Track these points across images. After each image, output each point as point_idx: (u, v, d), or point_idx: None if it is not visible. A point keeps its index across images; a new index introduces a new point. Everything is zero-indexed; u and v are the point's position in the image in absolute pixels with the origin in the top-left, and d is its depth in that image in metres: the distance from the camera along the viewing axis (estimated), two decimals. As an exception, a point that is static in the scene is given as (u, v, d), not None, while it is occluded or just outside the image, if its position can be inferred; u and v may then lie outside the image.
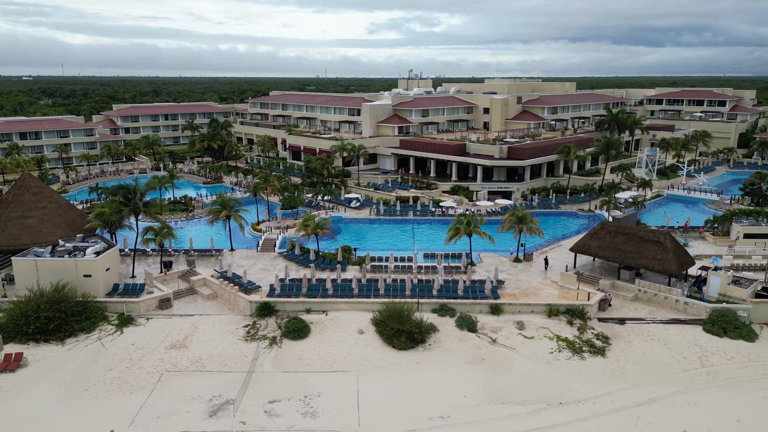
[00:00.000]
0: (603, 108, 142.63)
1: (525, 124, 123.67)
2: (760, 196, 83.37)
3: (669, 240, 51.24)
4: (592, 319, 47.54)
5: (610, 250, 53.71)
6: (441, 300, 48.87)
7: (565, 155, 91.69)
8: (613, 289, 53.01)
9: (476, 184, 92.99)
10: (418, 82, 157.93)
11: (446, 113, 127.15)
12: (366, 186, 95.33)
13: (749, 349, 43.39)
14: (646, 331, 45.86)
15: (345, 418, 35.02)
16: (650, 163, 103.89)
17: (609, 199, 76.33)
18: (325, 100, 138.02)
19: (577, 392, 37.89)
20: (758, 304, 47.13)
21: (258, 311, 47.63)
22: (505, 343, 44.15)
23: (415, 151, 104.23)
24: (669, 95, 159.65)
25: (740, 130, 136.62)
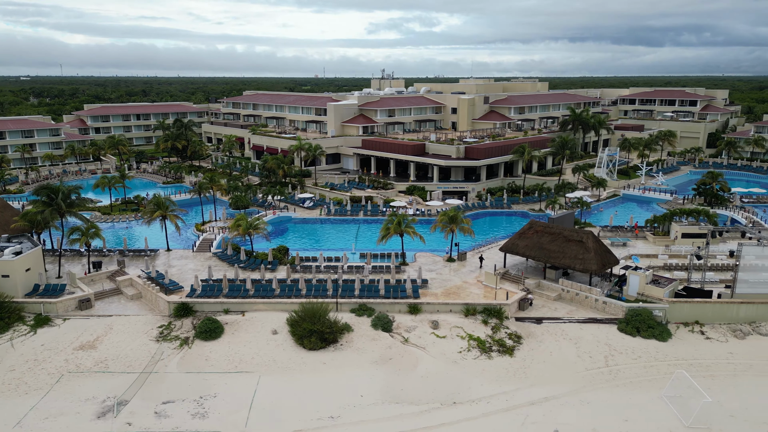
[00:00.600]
0: (580, 107, 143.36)
1: (491, 124, 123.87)
2: (711, 195, 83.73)
3: (591, 240, 51.33)
4: (509, 318, 47.61)
5: (536, 250, 53.79)
6: (361, 300, 48.84)
7: (519, 155, 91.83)
8: (538, 288, 53.09)
9: (432, 184, 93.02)
10: (390, 82, 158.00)
11: (413, 113, 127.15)
12: (323, 186, 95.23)
13: (658, 348, 43.48)
14: (560, 331, 45.93)
15: (234, 418, 34.95)
16: (611, 163, 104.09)
17: (555, 199, 76.48)
18: (294, 100, 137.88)
19: (474, 392, 37.89)
20: (674, 303, 47.25)
21: (176, 312, 47.52)
22: (416, 342, 44.14)
23: (376, 151, 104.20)
24: (642, 95, 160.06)
25: (709, 130, 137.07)
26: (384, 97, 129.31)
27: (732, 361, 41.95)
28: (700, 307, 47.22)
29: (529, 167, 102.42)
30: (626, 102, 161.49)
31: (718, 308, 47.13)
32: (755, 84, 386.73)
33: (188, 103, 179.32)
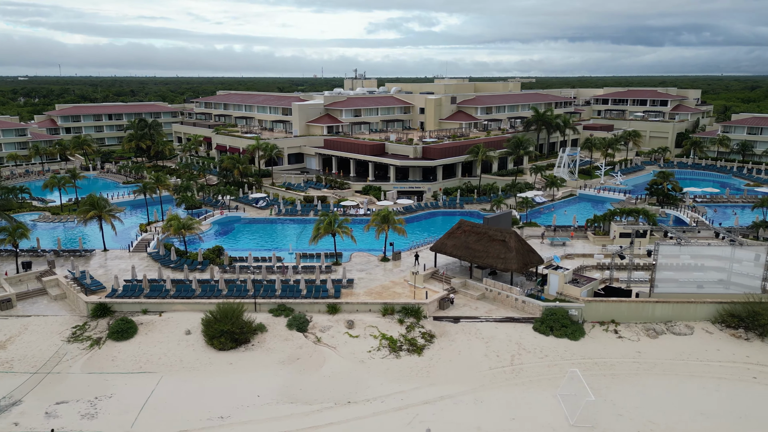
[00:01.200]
0: (544, 107, 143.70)
1: (458, 123, 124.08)
2: (663, 195, 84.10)
3: (514, 239, 51.46)
4: (428, 317, 47.71)
5: (463, 249, 53.90)
6: (281, 300, 48.88)
7: (474, 155, 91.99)
8: (464, 287, 53.22)
9: (389, 184, 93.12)
10: (362, 82, 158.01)
11: (380, 113, 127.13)
12: (280, 186, 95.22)
13: (568, 347, 43.64)
14: (475, 330, 46.03)
15: (122, 419, 34.94)
16: (571, 163, 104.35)
17: (500, 199, 76.74)
18: (262, 99, 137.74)
19: (372, 391, 37.96)
20: (590, 303, 47.44)
21: (93, 312, 47.47)
22: (328, 342, 44.20)
23: (336, 151, 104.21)
24: (615, 95, 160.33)
25: (678, 130, 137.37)
26: (351, 97, 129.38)
27: (638, 360, 42.14)
28: (616, 306, 47.41)
29: (489, 167, 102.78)
30: (599, 102, 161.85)
31: (634, 307, 47.32)
32: (754, 84, 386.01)
33: (163, 103, 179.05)
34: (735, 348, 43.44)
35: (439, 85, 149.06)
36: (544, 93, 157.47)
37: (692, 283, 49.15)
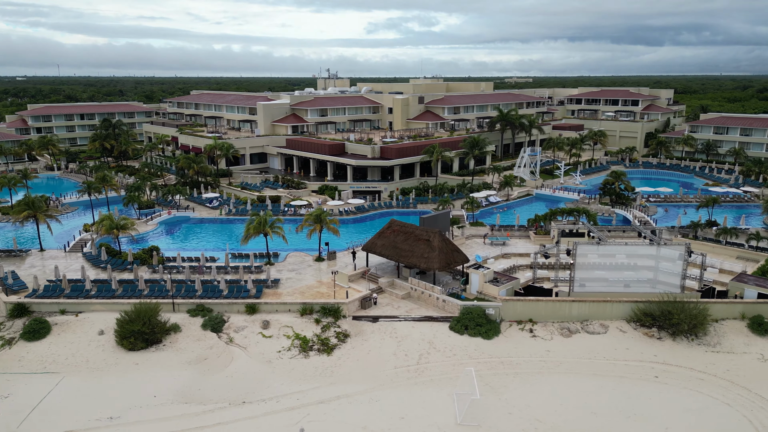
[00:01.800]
0: (513, 107, 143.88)
1: (424, 123, 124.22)
2: (615, 194, 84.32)
3: (437, 238, 51.51)
4: (347, 317, 47.69)
5: (390, 249, 53.92)
6: (200, 300, 48.82)
7: (429, 155, 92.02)
8: (391, 287, 53.23)
9: (345, 184, 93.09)
10: (335, 82, 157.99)
11: (348, 113, 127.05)
12: (236, 186, 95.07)
13: (479, 346, 43.67)
14: (391, 329, 46.02)
15: (11, 419, 34.83)
16: (532, 163, 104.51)
17: (446, 199, 76.85)
18: (231, 99, 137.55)
19: (271, 391, 37.92)
20: (507, 302, 47.50)
21: (11, 312, 47.28)
22: (240, 342, 44.14)
23: (297, 151, 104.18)
24: (589, 95, 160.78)
25: (647, 130, 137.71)
26: (318, 97, 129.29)
27: (545, 359, 42.21)
28: (533, 305, 47.50)
29: (450, 167, 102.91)
30: (573, 102, 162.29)
31: (551, 307, 47.41)
32: (748, 83, 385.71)
33: (137, 103, 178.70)
34: (645, 347, 43.55)
35: (408, 85, 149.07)
36: (516, 93, 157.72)
37: (611, 282, 49.27)
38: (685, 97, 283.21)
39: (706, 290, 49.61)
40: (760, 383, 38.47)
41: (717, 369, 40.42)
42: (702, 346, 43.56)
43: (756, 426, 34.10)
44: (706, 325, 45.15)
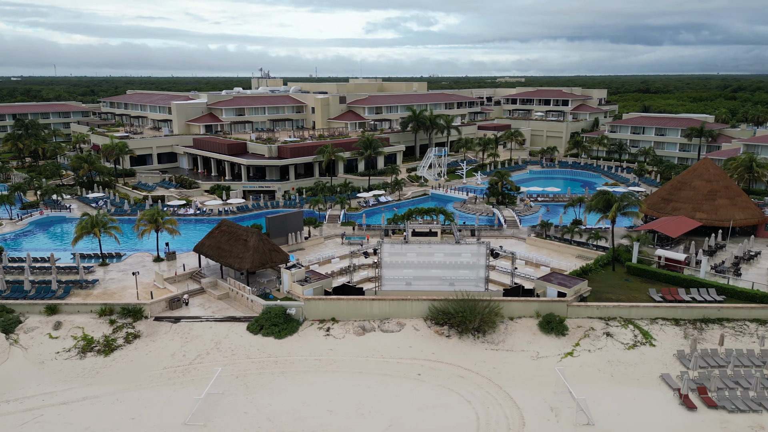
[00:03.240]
0: (445, 107, 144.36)
1: (344, 123, 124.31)
2: (499, 194, 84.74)
3: (254, 238, 51.45)
4: (149, 317, 47.45)
5: (215, 249, 53.77)
6: (3, 300, 48.39)
7: (323, 155, 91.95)
8: (213, 287, 53.03)
9: (238, 183, 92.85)
10: (267, 81, 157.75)
11: (267, 112, 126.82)
12: (132, 186, 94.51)
13: (264, 346, 43.54)
14: (187, 330, 45.83)
15: None
16: (438, 164, 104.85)
17: (317, 200, 76.93)
18: (156, 99, 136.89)
19: (23, 392, 37.60)
20: (309, 301, 47.49)
21: None
22: (24, 343, 43.77)
23: (201, 150, 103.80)
24: (524, 95, 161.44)
25: (572, 129, 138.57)
26: (238, 96, 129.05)
27: (323, 357, 42.22)
28: (335, 304, 47.54)
29: (356, 167, 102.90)
30: (510, 102, 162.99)
31: (352, 305, 47.47)
32: (737, 84, 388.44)
33: (75, 103, 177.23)
34: (429, 345, 43.70)
35: (331, 85, 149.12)
36: (450, 93, 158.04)
37: (419, 280, 49.41)
38: (654, 97, 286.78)
39: (514, 288, 49.83)
40: (516, 381, 38.73)
41: (484, 367, 40.63)
42: (485, 344, 43.78)
43: (480, 423, 34.30)
44: (496, 323, 45.43)
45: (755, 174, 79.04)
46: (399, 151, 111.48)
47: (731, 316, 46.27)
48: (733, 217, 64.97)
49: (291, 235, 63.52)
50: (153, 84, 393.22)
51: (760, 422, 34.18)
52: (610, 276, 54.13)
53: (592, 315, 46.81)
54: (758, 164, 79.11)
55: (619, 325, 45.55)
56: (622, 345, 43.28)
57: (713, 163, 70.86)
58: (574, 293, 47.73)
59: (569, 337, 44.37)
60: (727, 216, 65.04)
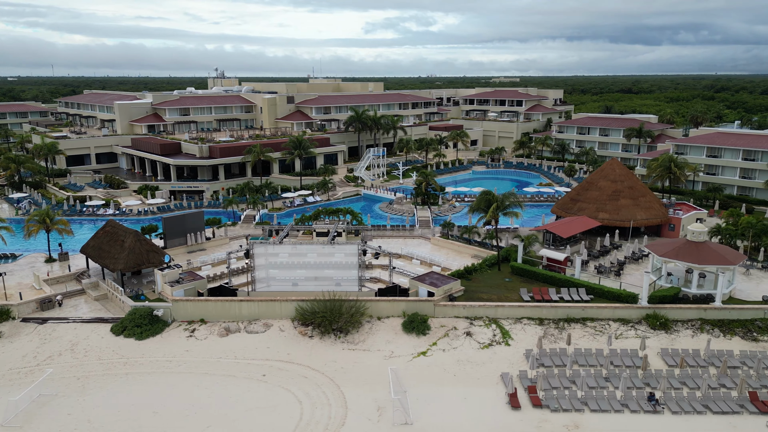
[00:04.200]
0: (399, 107, 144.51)
1: (290, 123, 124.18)
2: (423, 194, 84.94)
3: (131, 239, 51.31)
4: (16, 318, 47.21)
5: (97, 250, 53.54)
6: None
7: (252, 155, 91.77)
8: (94, 288, 52.81)
9: (167, 183, 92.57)
10: (222, 81, 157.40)
11: (214, 112, 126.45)
12: (61, 186, 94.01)
13: (123, 347, 43.38)
14: (50, 331, 45.55)
15: None
16: (378, 164, 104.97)
17: (231, 200, 76.84)
18: (106, 99, 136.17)
19: None
20: (177, 302, 47.37)
21: None
22: None
23: (137, 151, 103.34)
24: (481, 95, 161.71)
25: (523, 130, 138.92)
26: (184, 96, 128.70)
27: (174, 359, 42.09)
28: (203, 305, 47.46)
29: (292, 167, 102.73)
30: (467, 102, 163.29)
31: (221, 306, 47.42)
32: (720, 84, 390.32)
33: (34, 103, 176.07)
34: (288, 346, 43.65)
35: (280, 85, 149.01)
36: (406, 94, 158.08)
37: (296, 281, 49.41)
38: (633, 98, 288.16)
39: (390, 288, 49.88)
40: (358, 381, 38.75)
41: (332, 367, 40.66)
42: (345, 344, 43.82)
43: (301, 423, 34.33)
44: (362, 323, 45.53)
45: (674, 174, 79.47)
46: (340, 152, 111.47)
47: (595, 315, 46.57)
48: (635, 217, 65.39)
49: (190, 235, 63.32)
50: (145, 84, 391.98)
51: (577, 421, 34.38)
52: (494, 276, 54.34)
53: (459, 315, 47.00)
54: (676, 164, 79.54)
55: (482, 325, 45.74)
56: (477, 344, 43.44)
57: (620, 164, 71.29)
58: (443, 293, 47.86)
59: (429, 336, 44.49)
60: (629, 216, 65.45)
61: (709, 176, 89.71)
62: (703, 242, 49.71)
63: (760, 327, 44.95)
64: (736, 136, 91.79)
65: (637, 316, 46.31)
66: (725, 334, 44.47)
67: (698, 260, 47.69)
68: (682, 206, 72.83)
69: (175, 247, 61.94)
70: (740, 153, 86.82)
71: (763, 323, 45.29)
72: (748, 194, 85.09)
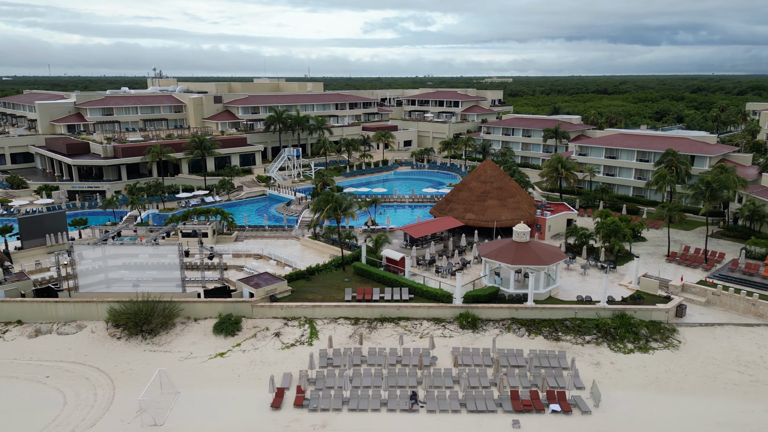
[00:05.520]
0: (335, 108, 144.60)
1: (215, 123, 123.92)
2: (317, 194, 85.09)
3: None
4: None
5: (-68, 250, 53.21)
6: None
7: (152, 156, 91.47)
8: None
9: (68, 183, 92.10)
10: (159, 81, 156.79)
11: (140, 112, 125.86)
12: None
13: None
14: None
15: None
16: (291, 164, 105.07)
17: (110, 199, 76.58)
18: (37, 98, 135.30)
19: None
20: None
21: None
22: None
23: (47, 151, 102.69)
24: (423, 96, 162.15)
25: (455, 131, 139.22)
26: (110, 96, 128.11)
27: (-31, 360, 41.96)
28: (19, 306, 47.24)
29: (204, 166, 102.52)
30: (409, 103, 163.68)
31: (37, 307, 47.22)
32: (697, 84, 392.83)
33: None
34: (90, 347, 43.52)
35: (210, 85, 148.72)
36: (346, 94, 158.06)
37: (121, 282, 49.34)
38: (603, 98, 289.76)
39: (219, 289, 49.90)
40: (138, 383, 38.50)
41: (122, 368, 40.61)
42: (150, 345, 43.78)
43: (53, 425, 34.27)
44: (175, 324, 45.55)
45: (561, 174, 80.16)
46: (258, 152, 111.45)
47: (410, 315, 46.85)
48: (499, 217, 65.84)
49: (50, 236, 62.96)
50: (138, 83, 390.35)
51: (327, 420, 34.57)
52: (337, 276, 54.52)
53: (277, 315, 47.11)
54: (563, 165, 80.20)
55: (296, 325, 45.89)
56: (281, 345, 43.58)
57: (493, 165, 71.79)
58: (265, 293, 47.97)
59: (237, 337, 44.56)
60: (494, 216, 65.89)
61: (608, 177, 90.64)
62: (526, 243, 50.19)
63: (567, 327, 45.46)
64: (634, 137, 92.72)
65: (451, 315, 46.67)
66: (531, 334, 44.92)
67: (513, 260, 48.15)
68: (560, 207, 73.39)
69: (33, 248, 61.68)
70: (635, 154, 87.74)
71: (572, 323, 45.81)
72: (644, 195, 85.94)
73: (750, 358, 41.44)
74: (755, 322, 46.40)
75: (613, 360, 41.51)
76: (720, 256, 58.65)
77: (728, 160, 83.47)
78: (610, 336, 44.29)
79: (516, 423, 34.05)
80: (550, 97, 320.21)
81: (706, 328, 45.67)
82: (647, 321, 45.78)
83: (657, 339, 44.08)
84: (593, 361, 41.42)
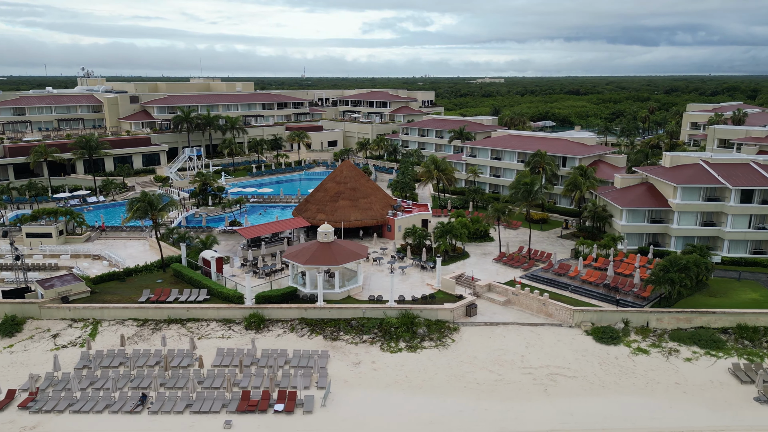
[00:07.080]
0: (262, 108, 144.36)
1: (129, 123, 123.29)
2: (197, 195, 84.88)
3: None
4: None
5: None
6: None
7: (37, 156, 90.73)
8: None
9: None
10: (87, 81, 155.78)
11: (55, 112, 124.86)
12: None
13: None
14: None
15: None
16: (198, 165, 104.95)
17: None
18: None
19: None
20: None
21: None
22: None
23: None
24: (356, 96, 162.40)
25: (380, 131, 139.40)
26: (24, 96, 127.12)
27: None
28: None
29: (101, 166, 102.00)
30: (343, 103, 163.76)
31: None
32: (686, 85, 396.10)
33: None
34: None
35: (129, 84, 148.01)
36: (277, 94, 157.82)
37: None
38: (567, 98, 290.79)
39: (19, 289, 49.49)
40: None
41: None
42: None
43: None
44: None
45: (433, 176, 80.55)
46: (162, 152, 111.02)
47: (200, 316, 46.88)
48: (349, 218, 66.04)
49: None
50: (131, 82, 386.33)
51: (38, 422, 34.44)
52: (155, 277, 54.44)
53: (66, 316, 46.96)
54: (437, 166, 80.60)
55: (81, 327, 45.75)
56: (53, 346, 43.38)
57: (351, 165, 72.04)
58: (56, 294, 47.79)
59: (14, 338, 44.37)
60: (344, 217, 66.05)
61: (494, 178, 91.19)
62: (328, 243, 50.36)
63: (352, 326, 45.65)
64: (517, 138, 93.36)
65: (241, 316, 46.72)
66: (312, 334, 45.05)
67: (307, 261, 48.34)
68: (423, 208, 73.66)
69: None
70: (516, 155, 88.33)
71: (358, 322, 46.01)
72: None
73: (510, 357, 41.81)
74: (542, 322, 46.87)
75: (376, 359, 41.72)
76: (547, 256, 59.15)
77: (603, 161, 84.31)
78: (388, 335, 44.55)
79: (228, 423, 34.13)
80: (525, 97, 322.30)
81: (489, 327, 46.07)
82: (433, 320, 46.12)
83: (433, 338, 44.40)
84: (355, 360, 41.60)
